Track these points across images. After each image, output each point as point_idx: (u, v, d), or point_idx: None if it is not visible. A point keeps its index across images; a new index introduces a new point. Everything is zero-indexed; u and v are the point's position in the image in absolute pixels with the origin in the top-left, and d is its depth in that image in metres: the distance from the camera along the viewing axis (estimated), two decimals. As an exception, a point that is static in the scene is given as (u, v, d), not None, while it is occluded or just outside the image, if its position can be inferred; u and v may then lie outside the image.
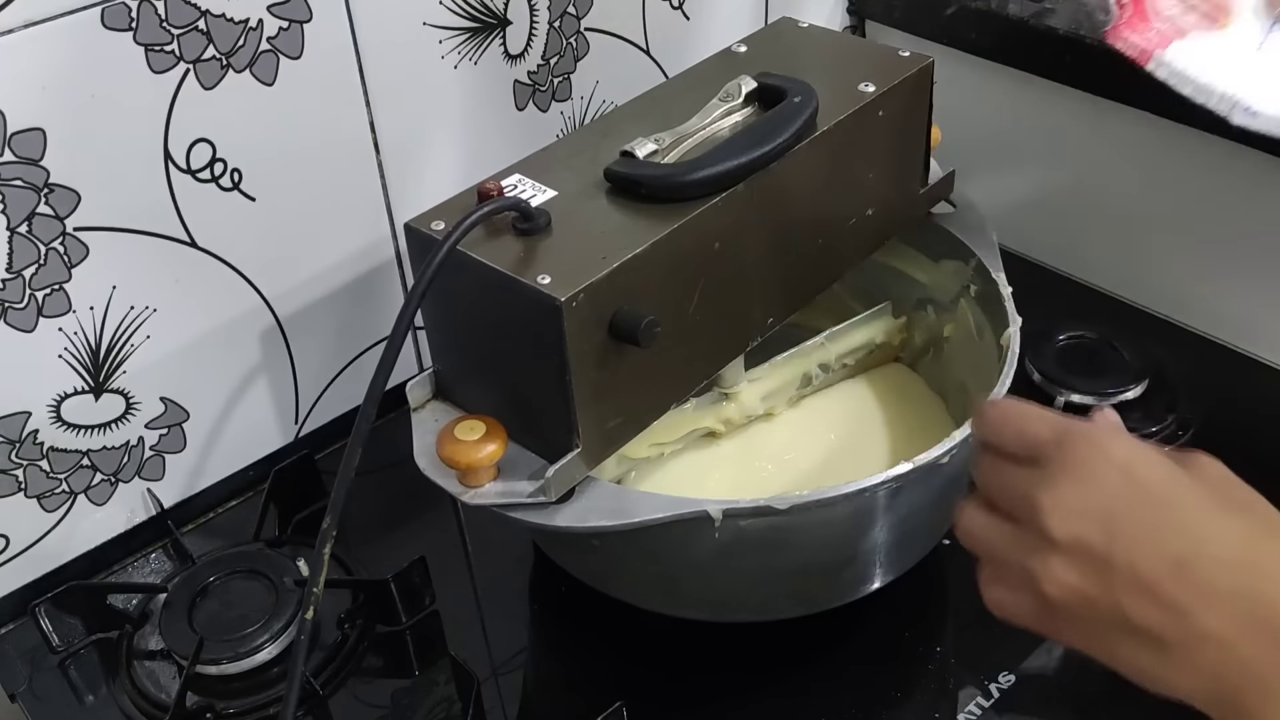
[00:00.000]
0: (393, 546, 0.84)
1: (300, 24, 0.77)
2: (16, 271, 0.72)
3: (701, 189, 0.66)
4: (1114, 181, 1.02)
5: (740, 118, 0.73)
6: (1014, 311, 0.77)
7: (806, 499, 0.66)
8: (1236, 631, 0.42)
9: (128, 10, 0.70)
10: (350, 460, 0.59)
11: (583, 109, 0.97)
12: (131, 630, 0.79)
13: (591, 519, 0.65)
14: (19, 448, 0.77)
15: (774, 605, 0.74)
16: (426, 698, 0.75)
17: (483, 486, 0.66)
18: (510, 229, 0.65)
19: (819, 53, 0.81)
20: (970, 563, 0.80)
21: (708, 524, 0.65)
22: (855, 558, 0.72)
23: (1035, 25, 0.99)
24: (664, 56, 1.00)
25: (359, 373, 0.93)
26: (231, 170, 0.78)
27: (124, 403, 0.81)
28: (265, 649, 0.75)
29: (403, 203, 0.88)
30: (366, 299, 0.90)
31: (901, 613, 0.76)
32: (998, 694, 0.71)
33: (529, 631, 0.81)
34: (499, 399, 0.68)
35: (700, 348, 0.71)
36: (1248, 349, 0.96)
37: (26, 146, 0.69)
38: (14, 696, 0.77)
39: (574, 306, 0.60)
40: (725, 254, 0.68)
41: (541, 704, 0.76)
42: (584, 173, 0.69)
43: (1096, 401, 0.88)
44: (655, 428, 0.73)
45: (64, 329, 0.75)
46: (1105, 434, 0.47)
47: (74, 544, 0.83)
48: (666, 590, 0.74)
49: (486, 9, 0.86)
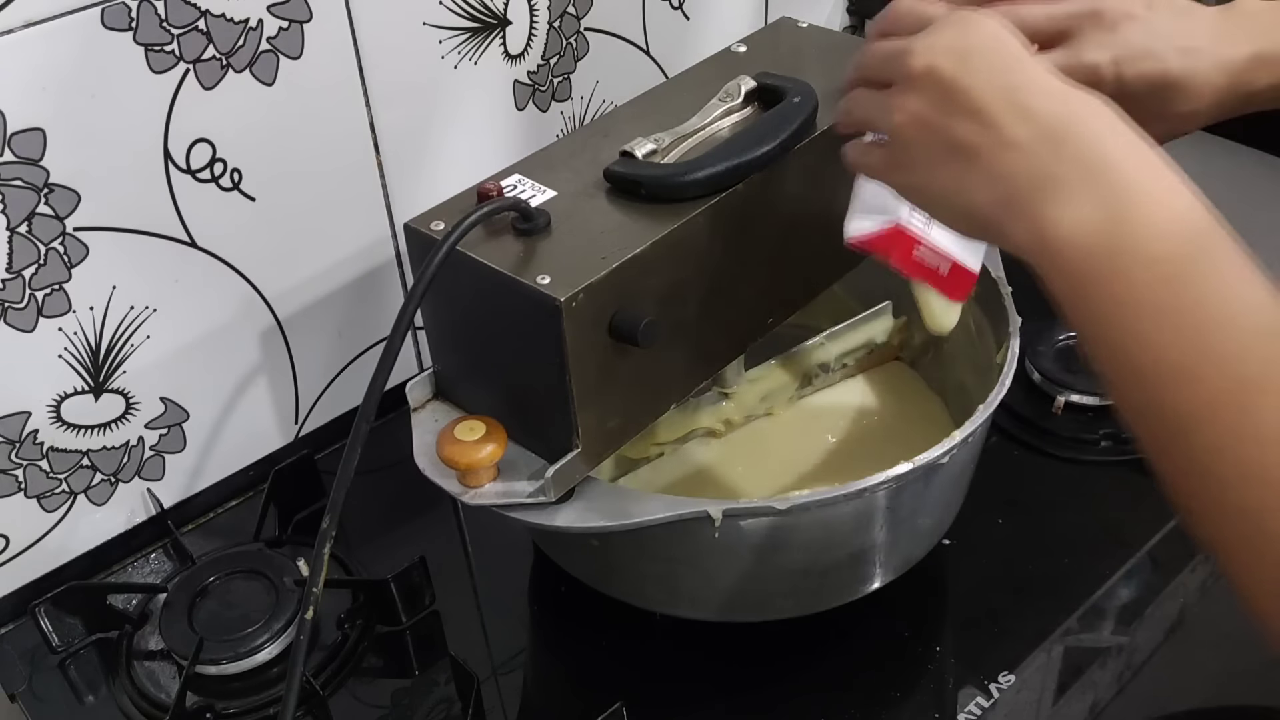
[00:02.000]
0: (393, 546, 0.84)
1: (300, 24, 0.77)
2: (16, 271, 0.72)
3: (701, 189, 0.66)
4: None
5: (740, 118, 0.73)
6: (1014, 311, 0.77)
7: (806, 499, 0.66)
8: (1038, 141, 0.48)
9: (128, 10, 0.70)
10: (350, 460, 0.59)
11: (583, 109, 0.97)
12: (131, 630, 0.79)
13: (591, 519, 0.65)
14: (19, 448, 0.77)
15: (774, 605, 0.74)
16: (426, 698, 0.75)
17: (483, 486, 0.66)
18: (510, 229, 0.65)
19: (819, 53, 0.81)
20: (970, 563, 0.80)
21: (708, 524, 0.65)
22: (855, 558, 0.72)
23: (1035, 25, 0.99)
24: (664, 56, 1.00)
25: (359, 373, 0.93)
26: (231, 170, 0.78)
27: (124, 403, 0.81)
28: (265, 649, 0.75)
29: (403, 203, 0.88)
30: (366, 299, 0.90)
31: (901, 613, 0.76)
32: (997, 694, 0.71)
33: (529, 631, 0.81)
34: (499, 399, 0.68)
35: (700, 348, 0.71)
36: (1248, 349, 0.96)
37: (26, 146, 0.69)
38: (14, 696, 0.77)
39: (574, 306, 0.60)
40: (725, 254, 0.68)
41: (541, 704, 0.76)
42: (584, 173, 0.69)
43: (1097, 401, 0.88)
44: (655, 428, 0.73)
45: (64, 329, 0.75)
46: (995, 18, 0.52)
47: (74, 544, 0.83)
48: (666, 590, 0.74)
49: (486, 9, 0.86)
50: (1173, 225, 0.45)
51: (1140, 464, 0.91)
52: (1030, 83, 0.49)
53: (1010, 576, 0.78)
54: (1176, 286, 0.44)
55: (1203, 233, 0.45)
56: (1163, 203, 0.46)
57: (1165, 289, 0.44)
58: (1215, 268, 0.44)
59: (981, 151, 0.49)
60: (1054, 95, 0.49)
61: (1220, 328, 0.43)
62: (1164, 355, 0.44)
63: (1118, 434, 0.86)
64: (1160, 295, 0.44)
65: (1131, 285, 0.45)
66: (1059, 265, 0.47)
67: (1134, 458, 0.85)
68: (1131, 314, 0.45)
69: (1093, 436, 0.87)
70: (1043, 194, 0.47)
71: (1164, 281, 0.44)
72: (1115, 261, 0.45)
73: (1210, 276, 0.44)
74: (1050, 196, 0.47)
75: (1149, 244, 0.45)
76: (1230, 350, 0.43)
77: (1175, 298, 0.44)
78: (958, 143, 0.49)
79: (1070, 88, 0.49)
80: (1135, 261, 0.45)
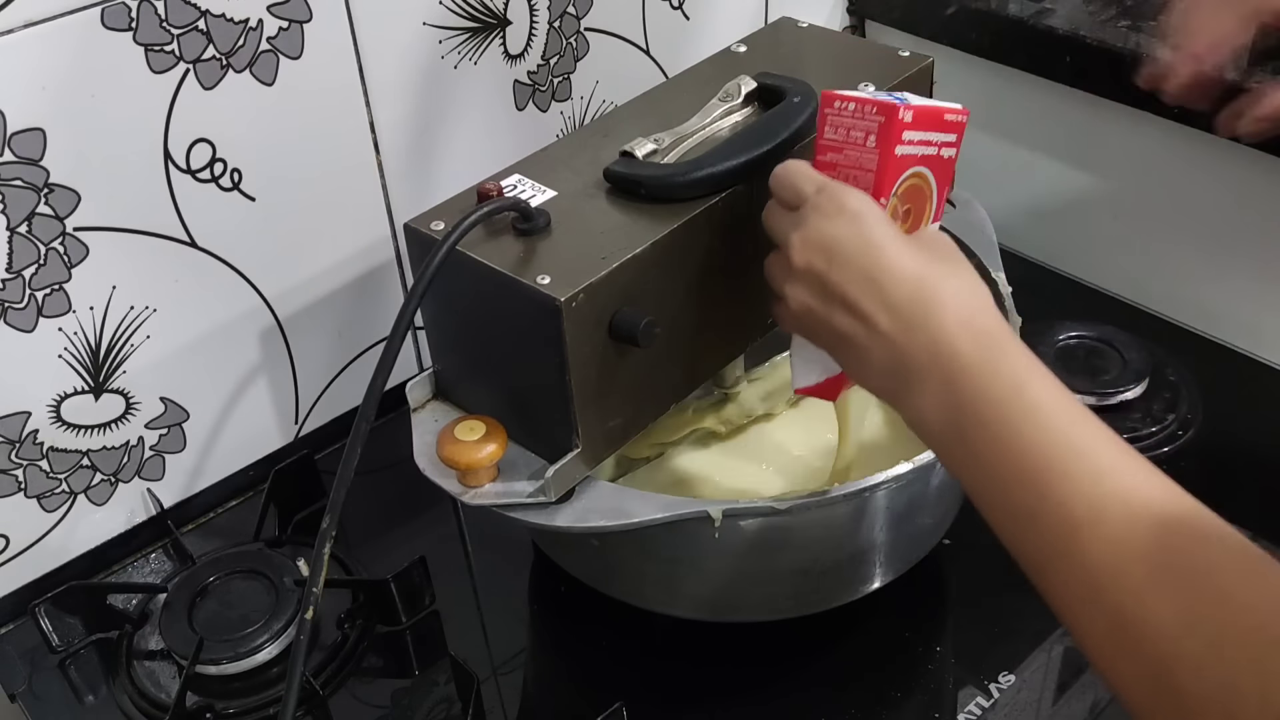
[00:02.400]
0: (393, 546, 0.84)
1: (300, 24, 0.77)
2: (16, 271, 0.72)
3: (701, 189, 0.66)
4: (1114, 181, 1.02)
5: (740, 118, 0.73)
6: (1014, 311, 0.77)
7: (806, 499, 0.66)
8: (898, 332, 0.54)
9: (128, 10, 0.70)
10: (350, 460, 0.59)
11: (583, 109, 0.97)
12: (131, 630, 0.79)
13: (591, 519, 0.65)
14: (19, 448, 0.77)
15: (774, 605, 0.74)
16: (426, 698, 0.75)
17: (483, 486, 0.66)
18: (510, 229, 0.65)
19: (819, 53, 0.81)
20: (970, 563, 0.81)
21: (708, 524, 0.65)
22: (855, 558, 0.72)
23: (1035, 25, 0.99)
24: (664, 56, 1.00)
25: (359, 373, 0.93)
26: (231, 170, 0.78)
27: (124, 403, 0.81)
28: (265, 649, 0.75)
29: (403, 203, 0.88)
30: (366, 299, 0.90)
31: (901, 613, 0.76)
32: (997, 694, 0.71)
33: (529, 631, 0.81)
34: (499, 399, 0.68)
35: (700, 348, 0.71)
36: (1248, 349, 0.96)
37: (26, 146, 0.69)
38: (14, 696, 0.77)
39: (574, 306, 0.60)
40: (725, 254, 0.68)
41: (541, 704, 0.76)
42: (584, 173, 0.69)
43: (1095, 402, 0.88)
44: (655, 428, 0.73)
45: (64, 329, 0.75)
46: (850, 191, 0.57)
47: (74, 544, 0.83)
48: (666, 590, 0.74)
49: (486, 9, 0.86)
50: (1000, 391, 0.52)
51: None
52: (886, 272, 0.55)
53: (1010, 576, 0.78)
54: (1010, 444, 0.51)
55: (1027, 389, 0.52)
56: (987, 373, 0.52)
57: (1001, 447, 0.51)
58: (1042, 422, 0.51)
59: (859, 341, 0.56)
60: (907, 282, 0.55)
61: (1051, 474, 0.49)
62: (1011, 501, 0.51)
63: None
64: (998, 453, 0.51)
65: (975, 450, 0.52)
66: (926, 439, 0.55)
67: (1134, 458, 0.86)
68: (981, 471, 0.52)
69: (1093, 436, 0.87)
70: (906, 384, 0.55)
71: (998, 441, 0.51)
72: (961, 433, 0.52)
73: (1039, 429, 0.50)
74: (910, 386, 0.54)
75: (982, 412, 0.52)
76: (1065, 492, 0.49)
77: (1010, 453, 0.50)
78: (840, 332, 0.57)
79: (921, 268, 0.55)
80: (973, 430, 0.52)
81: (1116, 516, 0.47)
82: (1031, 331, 0.77)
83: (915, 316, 0.54)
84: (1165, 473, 0.49)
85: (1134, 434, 0.86)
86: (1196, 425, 0.88)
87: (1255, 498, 0.83)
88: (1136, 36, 0.96)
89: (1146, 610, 0.45)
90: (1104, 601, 0.47)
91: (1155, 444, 0.86)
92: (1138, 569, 0.46)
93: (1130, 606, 0.46)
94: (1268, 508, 0.81)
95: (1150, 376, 0.90)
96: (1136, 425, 0.87)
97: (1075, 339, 0.94)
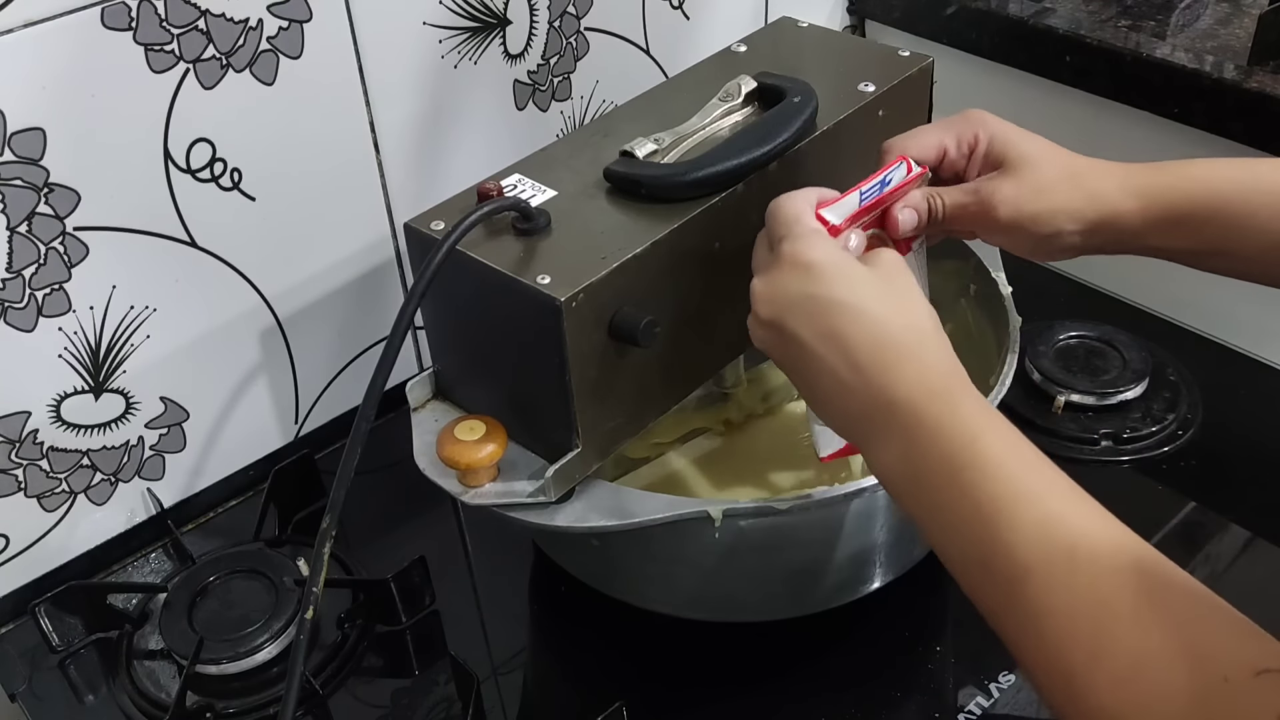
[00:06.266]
0: (393, 546, 0.84)
1: (300, 24, 0.77)
2: (16, 271, 0.72)
3: (701, 189, 0.66)
4: (1114, 181, 1.02)
5: (740, 118, 0.73)
6: (1014, 311, 0.77)
7: (806, 499, 0.66)
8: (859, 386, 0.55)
9: (128, 10, 0.70)
10: (350, 460, 0.59)
11: (583, 109, 0.97)
12: (131, 630, 0.79)
13: (591, 519, 0.65)
14: (19, 447, 0.77)
15: (774, 605, 0.74)
16: (426, 698, 0.75)
17: (483, 486, 0.66)
18: (510, 229, 0.65)
19: (819, 53, 0.81)
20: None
21: (708, 524, 0.65)
22: (855, 558, 0.72)
23: (1035, 25, 0.99)
24: (664, 56, 1.00)
25: (359, 373, 0.93)
26: (231, 170, 0.78)
27: (124, 402, 0.81)
28: (265, 649, 0.75)
29: (403, 202, 0.88)
30: (366, 299, 0.90)
31: (901, 613, 0.76)
32: (997, 694, 0.71)
33: (529, 631, 0.81)
34: (499, 399, 0.68)
35: (700, 347, 0.71)
36: (1248, 349, 0.96)
37: (26, 146, 0.69)
38: (14, 696, 0.77)
39: (574, 306, 0.60)
40: (725, 254, 0.68)
41: (541, 704, 0.76)
42: (584, 173, 0.69)
43: (1096, 401, 0.88)
44: (655, 427, 0.73)
45: (64, 329, 0.75)
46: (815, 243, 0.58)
47: (74, 544, 0.83)
48: (666, 590, 0.74)
49: (486, 9, 0.86)
50: (953, 444, 0.53)
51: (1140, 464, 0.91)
52: (846, 328, 0.56)
53: (1010, 576, 0.78)
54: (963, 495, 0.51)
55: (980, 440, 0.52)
56: (944, 426, 0.53)
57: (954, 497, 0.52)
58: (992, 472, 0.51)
59: (819, 390, 0.58)
60: (865, 341, 0.56)
61: (999, 523, 0.50)
62: (965, 551, 0.52)
63: (1118, 434, 0.86)
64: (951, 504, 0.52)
65: (932, 500, 0.53)
66: (888, 488, 0.56)
67: (1134, 458, 0.86)
68: (937, 522, 0.53)
69: (1092, 436, 0.87)
70: (866, 437, 0.56)
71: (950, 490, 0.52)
72: (918, 485, 0.54)
73: (990, 479, 0.51)
74: (870, 437, 0.56)
75: (936, 465, 0.53)
76: (1011, 541, 0.50)
77: (963, 504, 0.51)
78: (808, 382, 0.58)
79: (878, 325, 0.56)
80: (929, 480, 0.53)
81: (1061, 564, 0.48)
82: (1031, 331, 0.77)
83: (873, 374, 0.55)
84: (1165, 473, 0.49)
85: (1134, 434, 0.86)
86: (1196, 425, 0.88)
87: (1255, 498, 0.82)
88: (1137, 36, 0.97)
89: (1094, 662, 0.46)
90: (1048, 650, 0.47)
91: (1155, 444, 0.86)
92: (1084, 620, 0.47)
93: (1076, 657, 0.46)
94: (1268, 508, 0.81)
95: (1150, 376, 0.90)
96: (1136, 425, 0.87)
97: (1075, 339, 0.94)
